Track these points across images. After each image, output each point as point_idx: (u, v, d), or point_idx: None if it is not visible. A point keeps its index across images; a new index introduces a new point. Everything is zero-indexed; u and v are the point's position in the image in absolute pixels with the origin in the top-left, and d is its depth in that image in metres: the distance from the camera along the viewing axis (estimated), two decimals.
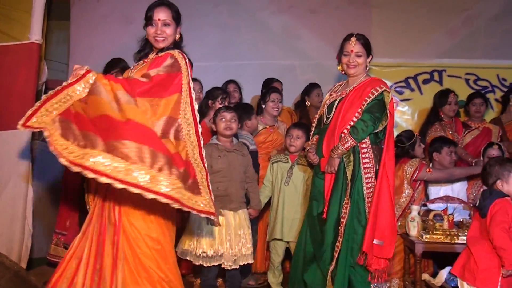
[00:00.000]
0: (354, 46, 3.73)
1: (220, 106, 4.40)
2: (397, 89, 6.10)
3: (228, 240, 3.78)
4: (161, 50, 3.15)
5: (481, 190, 4.45)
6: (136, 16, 6.14)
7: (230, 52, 6.19)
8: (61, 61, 6.55)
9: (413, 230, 4.02)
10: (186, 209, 2.67)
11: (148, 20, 3.16)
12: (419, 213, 4.13)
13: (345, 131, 3.59)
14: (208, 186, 2.89)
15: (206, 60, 5.77)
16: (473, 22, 6.09)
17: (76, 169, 2.46)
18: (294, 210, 4.28)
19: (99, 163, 2.47)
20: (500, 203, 3.11)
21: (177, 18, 3.19)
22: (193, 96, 3.01)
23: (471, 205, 4.38)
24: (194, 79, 5.22)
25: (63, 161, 2.47)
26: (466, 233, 3.62)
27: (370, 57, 3.83)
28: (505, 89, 5.80)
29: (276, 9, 6.22)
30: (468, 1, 6.09)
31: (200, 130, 2.96)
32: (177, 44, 3.22)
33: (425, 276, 3.99)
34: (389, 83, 5.98)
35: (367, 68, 3.86)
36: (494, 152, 4.60)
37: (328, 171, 3.63)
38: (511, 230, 3.07)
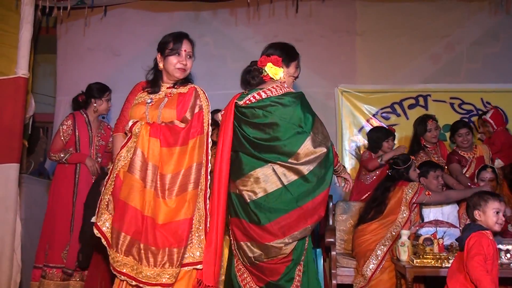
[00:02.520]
0: None
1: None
2: (383, 114, 6.15)
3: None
4: (178, 81, 3.26)
5: None
6: (121, 49, 6.23)
7: (216, 82, 6.21)
8: (48, 94, 6.56)
9: (404, 255, 4.01)
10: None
11: (173, 50, 3.20)
12: (409, 238, 4.14)
13: None
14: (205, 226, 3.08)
15: None
16: (455, 47, 6.20)
17: None
18: None
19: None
20: (475, 236, 3.11)
21: (193, 54, 3.31)
22: (209, 133, 3.18)
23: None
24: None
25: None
26: None
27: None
28: None
29: (261, 39, 6.26)
30: (448, 27, 6.19)
31: (210, 168, 3.11)
32: (188, 79, 3.34)
33: None
34: (375, 109, 6.11)
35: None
36: (487, 175, 4.62)
37: None
38: (488, 263, 3.06)
